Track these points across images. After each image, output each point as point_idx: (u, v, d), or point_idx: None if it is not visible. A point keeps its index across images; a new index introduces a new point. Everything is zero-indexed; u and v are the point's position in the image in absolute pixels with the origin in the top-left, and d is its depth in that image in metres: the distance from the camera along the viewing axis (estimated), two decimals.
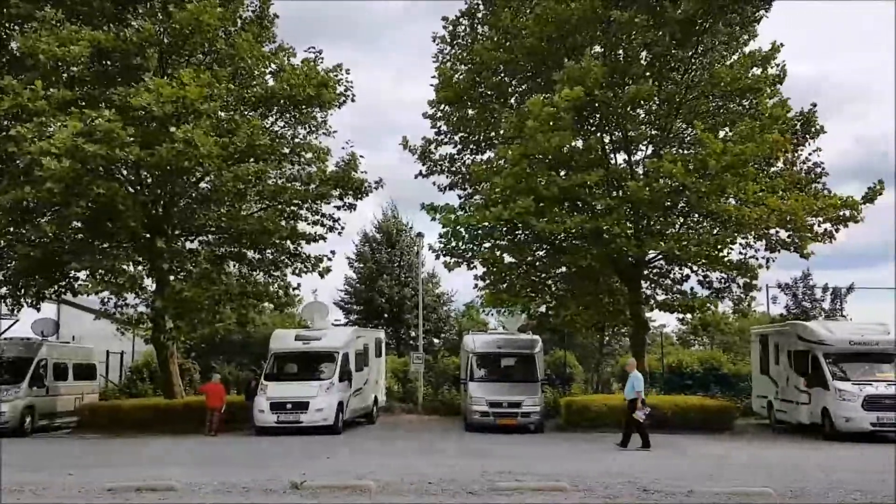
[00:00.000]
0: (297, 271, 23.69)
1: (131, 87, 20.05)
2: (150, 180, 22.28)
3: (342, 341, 22.15)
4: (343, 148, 23.73)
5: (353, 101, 23.09)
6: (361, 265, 35.29)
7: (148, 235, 21.80)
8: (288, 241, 23.34)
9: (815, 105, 21.51)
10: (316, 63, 22.39)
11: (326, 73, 22.41)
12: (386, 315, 34.28)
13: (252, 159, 21.58)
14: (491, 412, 21.21)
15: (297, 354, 22.18)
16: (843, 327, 21.80)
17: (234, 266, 24.51)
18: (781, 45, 21.32)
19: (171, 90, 19.56)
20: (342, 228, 23.85)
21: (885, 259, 79.98)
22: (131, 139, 19.22)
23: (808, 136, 21.35)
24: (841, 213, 19.96)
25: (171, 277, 22.41)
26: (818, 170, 21.71)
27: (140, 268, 22.93)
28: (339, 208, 23.47)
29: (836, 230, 20.28)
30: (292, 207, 23.25)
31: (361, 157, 22.89)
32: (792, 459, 15.58)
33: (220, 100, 20.75)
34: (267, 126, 22.82)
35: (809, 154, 21.74)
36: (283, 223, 23.06)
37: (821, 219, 20.05)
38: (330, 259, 23.77)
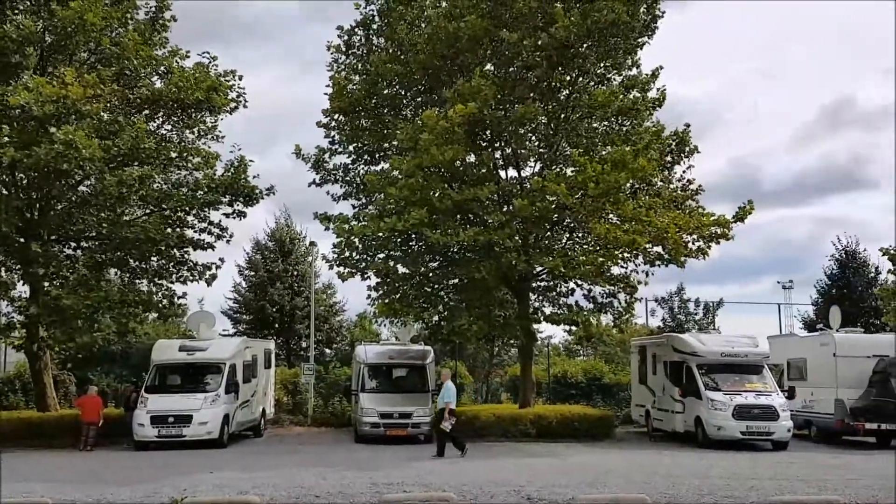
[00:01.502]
0: (182, 279, 23.02)
1: (9, 86, 19.06)
2: (25, 182, 21.18)
3: (229, 352, 21.65)
4: (231, 152, 23.15)
5: (245, 107, 22.72)
6: (253, 273, 34.55)
7: (22, 240, 20.69)
8: (174, 250, 22.64)
9: (688, 125, 22.72)
10: (208, 68, 21.92)
11: (217, 77, 21.95)
12: (277, 325, 33.65)
13: (136, 163, 20.86)
14: (381, 423, 21.19)
15: (181, 366, 21.47)
16: (714, 339, 22.92)
17: (116, 273, 23.56)
18: (661, 68, 22.47)
19: (52, 89, 18.72)
20: (231, 236, 23.36)
21: (754, 274, 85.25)
22: (7, 139, 18.23)
23: (682, 154, 22.49)
24: (713, 231, 21.10)
25: (46, 284, 21.33)
26: (692, 187, 22.91)
27: (13, 273, 21.75)
28: (228, 216, 22.98)
29: (709, 247, 21.43)
30: (179, 214, 22.58)
31: (251, 160, 22.54)
32: (667, 466, 16.32)
33: (103, 101, 19.98)
34: (153, 129, 22.11)
35: (683, 171, 22.96)
36: (168, 230, 22.36)
37: (695, 236, 21.15)
38: (219, 267, 23.25)
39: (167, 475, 14.42)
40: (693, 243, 21.35)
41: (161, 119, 22.53)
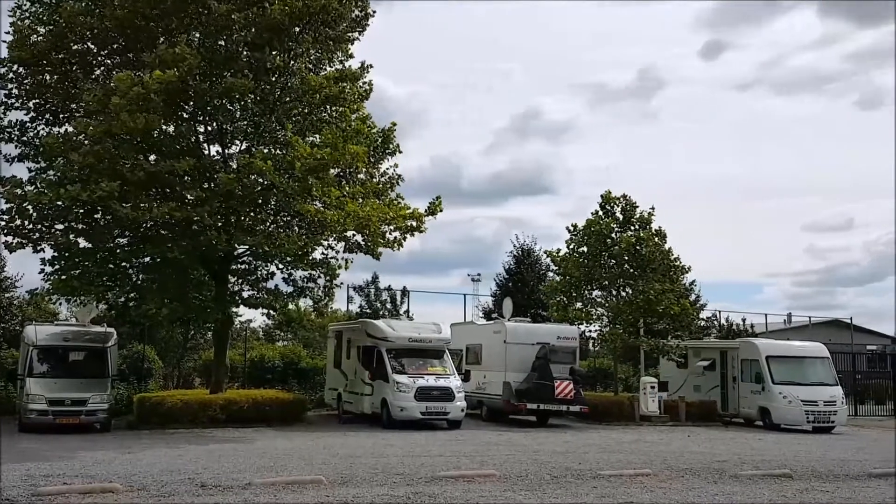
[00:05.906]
0: None
1: None
2: None
3: None
4: None
5: None
6: None
7: None
8: None
9: (394, 124, 23.52)
10: None
11: None
12: None
13: None
14: (50, 411, 19.47)
15: None
16: (404, 326, 24.25)
17: None
18: (370, 66, 23.07)
19: None
20: None
21: (450, 267, 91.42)
22: None
23: (386, 151, 23.28)
24: (409, 223, 22.14)
25: None
26: (394, 181, 23.82)
27: None
28: None
29: (405, 238, 22.44)
30: None
31: None
32: (349, 447, 16.87)
33: None
34: None
35: (388, 168, 23.79)
36: None
37: (392, 226, 22.04)
38: None
39: None
40: (390, 233, 22.20)
41: None
